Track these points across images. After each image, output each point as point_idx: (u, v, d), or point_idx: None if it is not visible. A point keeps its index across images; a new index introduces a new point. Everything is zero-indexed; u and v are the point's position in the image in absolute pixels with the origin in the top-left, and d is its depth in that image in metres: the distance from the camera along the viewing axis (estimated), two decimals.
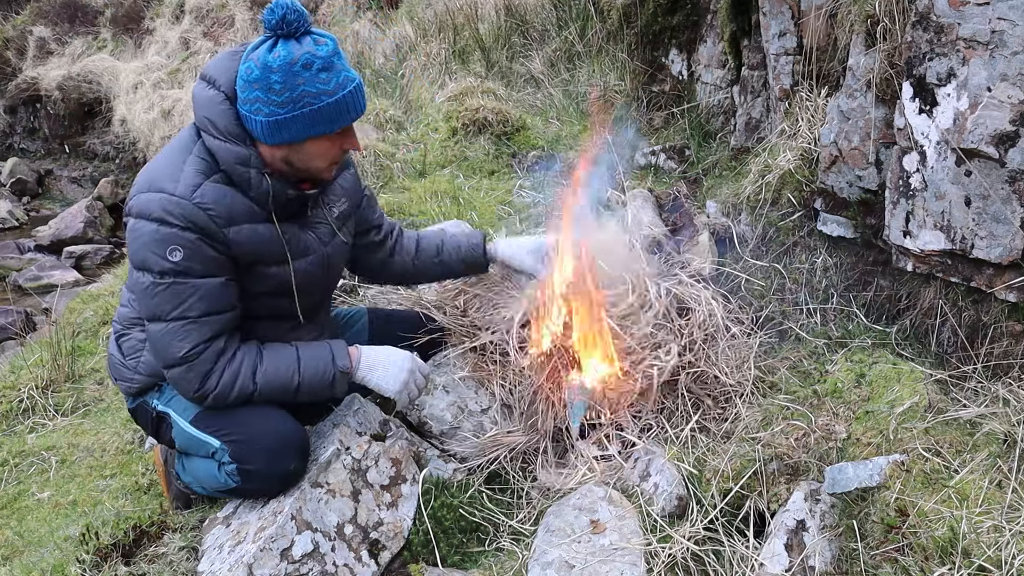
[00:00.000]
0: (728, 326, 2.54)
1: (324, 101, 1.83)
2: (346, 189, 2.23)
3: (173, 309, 1.88)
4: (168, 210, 1.82)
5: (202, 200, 1.84)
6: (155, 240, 1.83)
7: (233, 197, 1.89)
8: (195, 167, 1.87)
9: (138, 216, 1.85)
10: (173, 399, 2.09)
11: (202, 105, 1.90)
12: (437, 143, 4.82)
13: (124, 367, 2.14)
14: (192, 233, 1.83)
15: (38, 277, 6.65)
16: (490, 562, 2.05)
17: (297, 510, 1.92)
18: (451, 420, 2.38)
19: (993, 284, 2.10)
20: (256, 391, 1.98)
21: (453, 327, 2.61)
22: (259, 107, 1.83)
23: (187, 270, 1.85)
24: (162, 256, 1.83)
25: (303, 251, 2.06)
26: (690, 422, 2.32)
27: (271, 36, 1.81)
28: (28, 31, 12.28)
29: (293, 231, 2.03)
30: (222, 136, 1.87)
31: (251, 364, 1.98)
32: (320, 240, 2.11)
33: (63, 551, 2.23)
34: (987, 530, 1.64)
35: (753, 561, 1.87)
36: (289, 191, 1.96)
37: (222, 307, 1.93)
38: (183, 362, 1.91)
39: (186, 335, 1.89)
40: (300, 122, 1.83)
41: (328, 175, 2.03)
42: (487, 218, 3.88)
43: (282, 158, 1.92)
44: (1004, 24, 1.92)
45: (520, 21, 6.33)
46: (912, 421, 2.01)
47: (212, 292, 1.89)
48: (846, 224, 2.57)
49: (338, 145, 1.96)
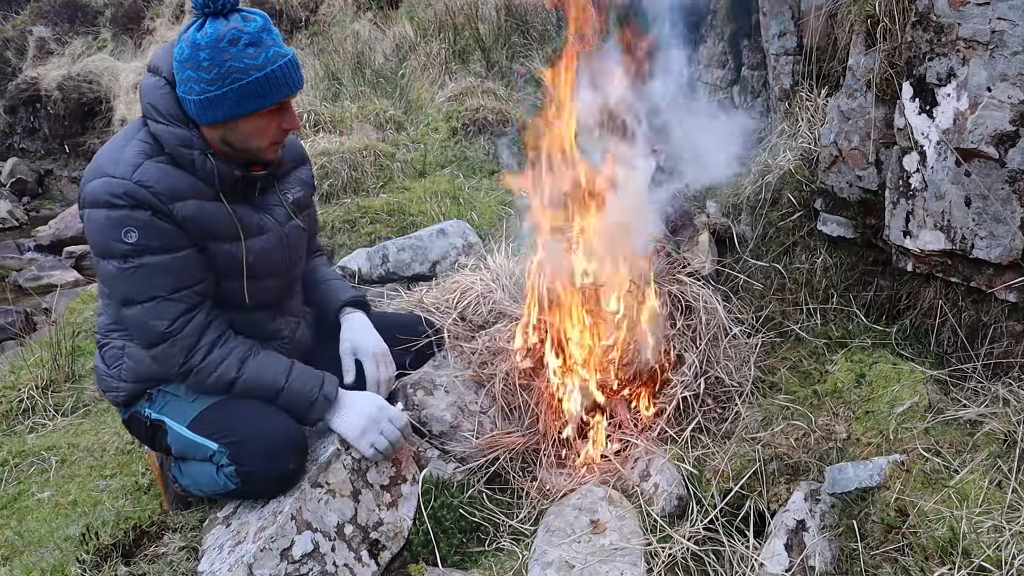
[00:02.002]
0: (729, 326, 2.54)
1: (252, 76, 1.82)
2: (303, 180, 2.23)
3: (144, 290, 1.88)
4: (112, 192, 1.82)
5: (142, 179, 1.83)
6: (108, 224, 1.83)
7: (176, 175, 1.88)
8: (136, 149, 1.88)
9: (89, 205, 1.86)
10: (166, 406, 2.09)
11: (145, 92, 1.91)
12: (437, 143, 4.82)
13: (109, 377, 2.14)
14: (141, 211, 1.83)
15: (38, 277, 6.65)
16: (490, 562, 2.05)
17: (297, 510, 1.92)
18: (451, 420, 2.38)
19: (993, 284, 2.10)
20: (239, 379, 1.98)
21: (453, 329, 2.61)
22: (191, 86, 1.83)
23: (146, 248, 1.85)
24: (118, 239, 1.83)
25: (257, 230, 2.04)
26: (692, 423, 2.32)
27: (199, 15, 1.83)
28: (28, 31, 12.28)
29: (245, 211, 2.01)
30: (164, 119, 1.87)
31: (241, 353, 1.99)
32: (276, 221, 2.10)
33: (63, 551, 2.23)
34: (987, 530, 1.64)
35: (753, 561, 1.87)
36: (236, 171, 1.95)
37: (190, 279, 1.92)
38: (166, 338, 1.92)
39: (161, 312, 1.90)
40: (230, 98, 1.83)
41: (271, 155, 2.01)
42: (487, 218, 3.88)
43: (220, 138, 1.91)
44: (1004, 24, 1.92)
45: (520, 21, 6.33)
46: (912, 421, 2.01)
47: (177, 266, 1.89)
48: (846, 224, 2.57)
49: (275, 123, 1.94)
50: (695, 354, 2.46)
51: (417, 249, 3.34)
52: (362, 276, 3.28)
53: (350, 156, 4.50)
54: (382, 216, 3.89)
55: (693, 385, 2.41)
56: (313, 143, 4.73)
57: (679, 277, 2.68)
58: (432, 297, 2.81)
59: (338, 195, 4.33)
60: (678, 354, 2.49)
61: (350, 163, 4.46)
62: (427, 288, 2.92)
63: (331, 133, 5.09)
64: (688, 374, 2.42)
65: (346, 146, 4.59)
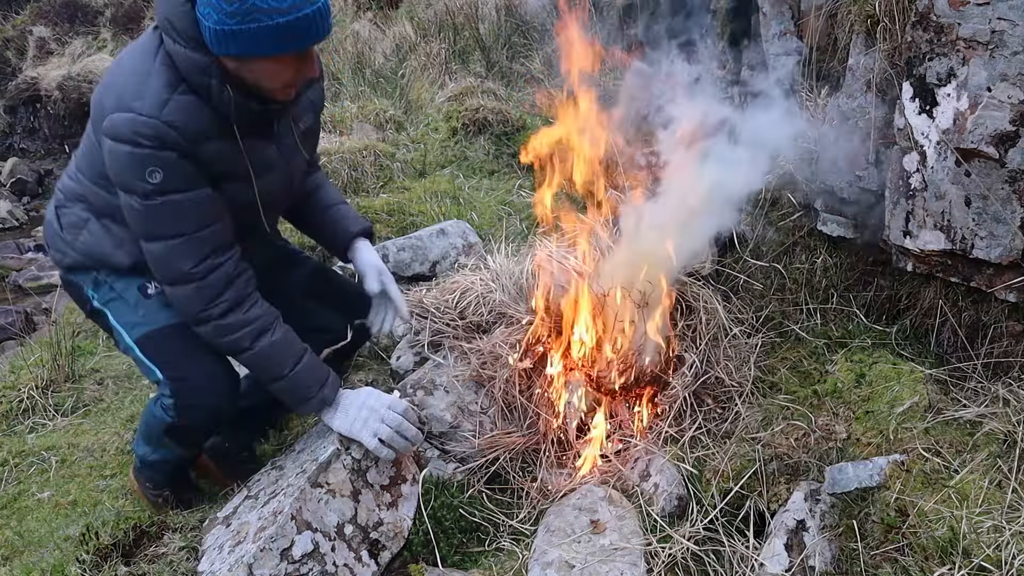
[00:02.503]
0: (729, 326, 2.54)
1: (274, 20, 1.67)
2: (314, 103, 2.12)
3: (169, 227, 1.83)
4: (138, 131, 1.74)
5: (170, 119, 1.75)
6: (132, 162, 1.76)
7: (201, 112, 1.79)
8: (161, 81, 1.77)
9: (111, 138, 1.78)
10: (111, 303, 2.05)
11: (162, 2, 1.77)
12: (437, 143, 4.82)
13: (60, 239, 2.07)
14: (166, 151, 1.76)
15: (38, 277, 6.63)
16: (490, 562, 2.05)
17: (297, 510, 1.92)
18: (451, 420, 2.38)
19: (993, 284, 2.10)
20: (247, 352, 1.95)
21: (453, 329, 2.61)
22: (210, 12, 1.69)
23: (170, 188, 1.78)
24: (142, 179, 1.76)
25: (267, 167, 1.97)
26: (692, 423, 2.32)
27: None
28: (28, 31, 12.28)
29: (258, 146, 1.93)
30: (181, 40, 1.75)
31: (260, 326, 1.94)
32: (283, 156, 2.02)
33: (63, 551, 2.23)
34: (987, 530, 1.64)
35: (753, 561, 1.87)
36: (253, 105, 1.84)
37: (214, 218, 1.87)
38: (190, 279, 1.86)
39: (188, 251, 1.85)
40: (245, 37, 1.69)
41: (283, 96, 1.88)
42: (487, 218, 3.88)
43: (234, 70, 1.79)
44: (1004, 24, 1.92)
45: (520, 21, 6.34)
46: (912, 421, 2.01)
47: (202, 204, 1.84)
48: (846, 224, 2.57)
49: (292, 68, 1.81)
50: (695, 354, 2.46)
51: (417, 249, 3.33)
52: None
53: (350, 156, 4.49)
54: (382, 216, 3.89)
55: (693, 385, 2.41)
56: None
57: (679, 277, 2.68)
58: (432, 297, 2.80)
59: None
60: (678, 354, 2.49)
61: (350, 163, 4.46)
62: (427, 288, 2.91)
63: (331, 133, 5.09)
64: (688, 374, 2.42)
65: (346, 146, 4.59)
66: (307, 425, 2.58)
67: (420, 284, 3.17)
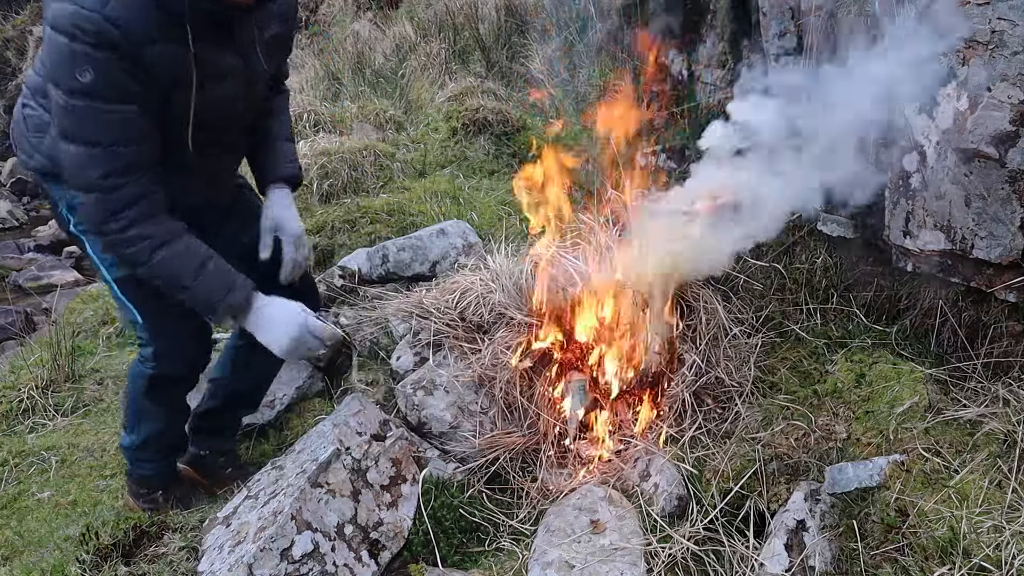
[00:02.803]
0: (729, 326, 2.54)
1: None
2: (284, 11, 2.02)
3: (83, 132, 1.75)
4: (77, 24, 1.64)
5: (114, 14, 1.65)
6: (65, 55, 1.67)
7: (148, 10, 1.69)
8: None
9: (52, 28, 1.69)
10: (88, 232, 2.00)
11: None
12: (437, 143, 4.82)
13: (26, 140, 2.02)
14: (103, 51, 1.66)
15: (38, 277, 6.63)
16: (490, 562, 2.05)
17: (297, 510, 1.92)
18: (451, 420, 2.38)
19: (993, 284, 2.10)
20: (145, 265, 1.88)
21: (453, 329, 2.61)
22: None
23: (96, 93, 1.70)
24: (71, 75, 1.68)
25: (219, 76, 1.87)
26: (692, 423, 2.32)
27: None
28: (28, 31, 12.27)
29: (212, 52, 1.82)
30: None
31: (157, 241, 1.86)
32: (241, 65, 1.92)
33: (63, 551, 2.23)
34: (987, 530, 1.64)
35: (753, 561, 1.87)
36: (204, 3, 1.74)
37: (132, 139, 1.79)
38: (93, 189, 1.80)
39: (98, 161, 1.77)
40: None
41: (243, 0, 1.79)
42: (487, 218, 3.88)
43: None
44: (1004, 24, 1.92)
45: (520, 21, 6.34)
46: (912, 421, 2.01)
47: (123, 121, 1.75)
48: (846, 224, 2.57)
49: None
50: (695, 354, 2.46)
51: (417, 249, 3.33)
52: (362, 276, 3.28)
53: (350, 156, 4.50)
54: (382, 216, 3.89)
55: (693, 385, 2.41)
56: (313, 143, 4.73)
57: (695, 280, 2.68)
58: (432, 297, 2.81)
59: (338, 195, 4.33)
60: (679, 355, 2.49)
61: (350, 163, 4.46)
62: (427, 288, 2.91)
63: (331, 133, 5.09)
64: (688, 374, 2.42)
65: (346, 146, 4.59)
66: (307, 425, 2.58)
67: (420, 284, 3.17)
